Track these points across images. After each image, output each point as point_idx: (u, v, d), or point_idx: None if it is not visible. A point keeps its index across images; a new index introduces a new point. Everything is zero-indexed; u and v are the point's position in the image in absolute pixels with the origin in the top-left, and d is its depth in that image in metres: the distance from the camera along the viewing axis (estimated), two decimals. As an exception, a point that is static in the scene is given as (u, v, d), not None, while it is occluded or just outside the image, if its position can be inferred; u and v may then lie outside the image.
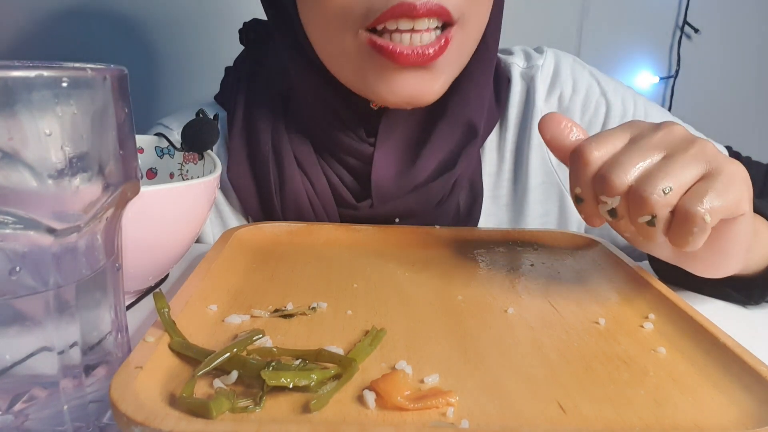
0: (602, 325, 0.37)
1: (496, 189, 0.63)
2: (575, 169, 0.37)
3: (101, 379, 0.28)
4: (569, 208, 0.63)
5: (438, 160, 0.57)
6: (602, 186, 0.35)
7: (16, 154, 0.22)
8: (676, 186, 0.33)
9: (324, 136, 0.58)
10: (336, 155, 0.58)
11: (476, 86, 0.57)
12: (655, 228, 0.34)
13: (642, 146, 0.35)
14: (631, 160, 0.34)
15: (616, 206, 0.35)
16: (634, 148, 0.35)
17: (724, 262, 0.38)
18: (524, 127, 0.62)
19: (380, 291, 0.41)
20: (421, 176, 0.57)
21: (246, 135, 0.60)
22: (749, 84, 1.25)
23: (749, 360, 0.30)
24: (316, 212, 0.58)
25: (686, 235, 0.33)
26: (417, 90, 0.50)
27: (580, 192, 0.37)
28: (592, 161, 0.36)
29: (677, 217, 0.33)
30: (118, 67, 0.26)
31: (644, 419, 0.27)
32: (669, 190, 0.33)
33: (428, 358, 0.32)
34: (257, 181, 0.59)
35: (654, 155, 0.35)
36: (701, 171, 0.34)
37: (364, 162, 0.57)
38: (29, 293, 0.24)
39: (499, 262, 0.48)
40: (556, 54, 0.65)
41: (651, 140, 0.35)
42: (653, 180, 0.33)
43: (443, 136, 0.57)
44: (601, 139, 0.36)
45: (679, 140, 0.35)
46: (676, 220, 0.33)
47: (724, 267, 0.39)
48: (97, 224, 0.26)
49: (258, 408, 0.26)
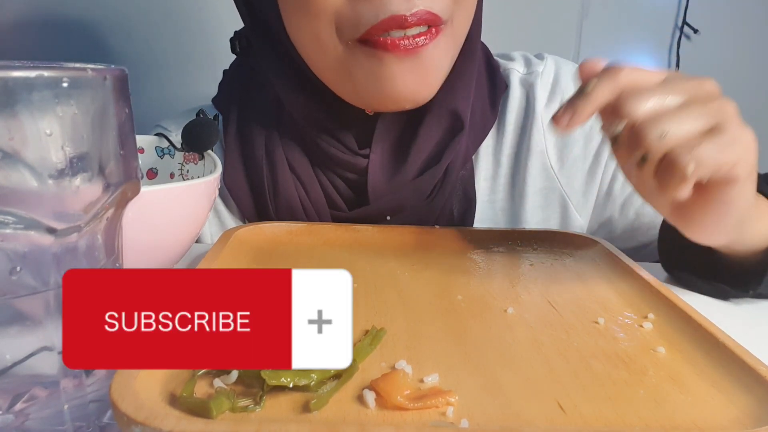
0: (602, 324, 0.37)
1: (492, 194, 0.63)
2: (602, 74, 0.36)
3: (101, 378, 0.28)
4: (571, 215, 0.62)
5: (426, 153, 0.57)
6: (616, 108, 0.35)
7: (17, 154, 0.22)
8: (675, 132, 0.34)
9: (316, 149, 0.58)
10: (329, 166, 0.58)
11: (461, 78, 0.57)
12: (645, 166, 0.35)
13: (667, 86, 0.36)
14: (649, 94, 0.35)
15: (619, 133, 0.35)
16: (660, 85, 0.36)
17: (716, 226, 0.38)
18: (523, 133, 0.62)
19: (380, 291, 0.41)
20: (411, 172, 0.57)
21: (240, 140, 0.60)
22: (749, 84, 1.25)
23: (749, 360, 0.30)
24: (309, 217, 0.59)
25: (669, 180, 0.34)
26: (412, 85, 0.49)
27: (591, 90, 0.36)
28: (621, 76, 0.36)
29: (665, 160, 0.34)
30: (118, 68, 0.26)
31: (643, 419, 0.27)
32: (667, 134, 0.33)
33: (428, 357, 0.32)
34: (252, 187, 0.60)
35: (673, 97, 0.35)
36: (708, 125, 0.34)
37: (358, 174, 0.57)
38: (30, 293, 0.24)
39: (498, 262, 0.48)
40: (556, 61, 0.65)
41: (678, 84, 0.36)
42: (656, 121, 0.34)
43: (430, 128, 0.57)
44: (638, 67, 0.37)
45: (703, 92, 0.36)
46: (663, 163, 0.34)
47: (716, 232, 0.39)
48: (97, 224, 0.26)
49: (258, 407, 0.26)
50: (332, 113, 0.55)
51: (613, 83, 0.36)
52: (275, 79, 0.57)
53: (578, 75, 0.39)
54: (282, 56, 0.55)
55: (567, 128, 0.37)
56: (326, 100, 0.54)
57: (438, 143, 0.57)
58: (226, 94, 0.64)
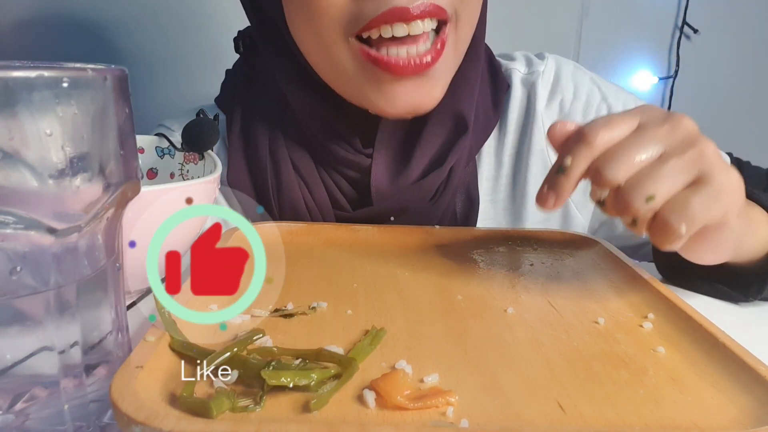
0: (602, 324, 0.37)
1: (494, 193, 0.63)
2: (576, 145, 0.36)
3: (102, 378, 0.28)
4: (572, 214, 0.63)
5: (430, 155, 0.57)
6: (596, 177, 0.35)
7: (17, 154, 0.22)
8: (660, 193, 0.33)
9: (320, 149, 0.58)
10: (333, 165, 0.58)
11: (465, 79, 0.57)
12: (637, 227, 0.35)
13: (642, 139, 0.35)
14: (627, 155, 0.34)
15: (605, 198, 0.36)
16: (634, 140, 0.35)
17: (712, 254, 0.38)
18: (524, 133, 0.62)
19: (380, 291, 0.41)
20: (415, 174, 0.57)
21: (244, 140, 0.60)
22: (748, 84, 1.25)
23: (748, 360, 0.30)
24: (313, 217, 0.59)
25: (663, 240, 0.34)
26: (417, 100, 0.49)
27: (570, 164, 0.36)
28: (596, 145, 0.35)
29: (657, 221, 0.34)
30: (118, 68, 0.26)
31: (643, 419, 0.27)
32: (652, 199, 0.33)
33: (428, 357, 0.32)
34: (255, 185, 0.60)
35: (651, 150, 0.34)
36: (691, 177, 0.34)
37: (362, 173, 0.57)
38: (30, 293, 0.24)
39: (498, 262, 0.48)
40: (557, 60, 0.65)
41: (654, 133, 0.35)
42: (640, 185, 0.33)
43: (434, 130, 0.57)
44: (609, 124, 0.36)
45: (680, 139, 0.35)
46: (656, 224, 0.34)
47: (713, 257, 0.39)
48: (97, 224, 0.26)
49: (258, 407, 0.26)
50: (337, 112, 0.56)
51: (588, 152, 0.35)
52: (280, 79, 0.57)
53: (548, 140, 0.39)
54: (287, 56, 0.55)
55: (553, 208, 0.37)
56: (330, 99, 0.54)
57: (442, 145, 0.57)
58: (230, 93, 0.64)
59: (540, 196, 0.37)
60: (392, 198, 0.57)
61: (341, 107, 0.54)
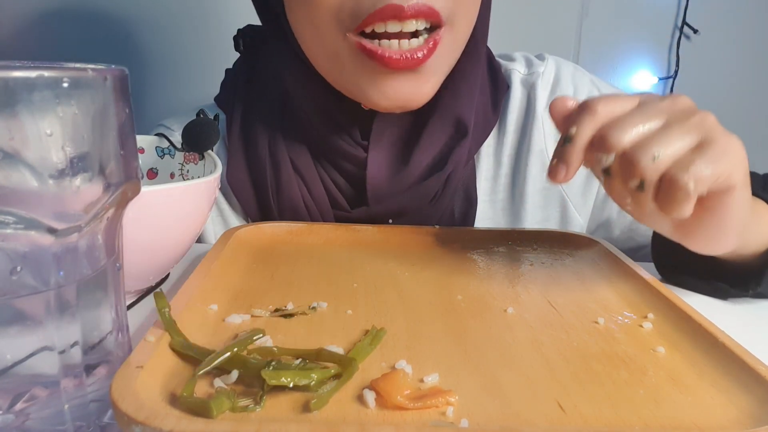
0: (601, 324, 0.37)
1: (493, 193, 0.63)
2: (578, 116, 0.37)
3: (102, 378, 0.28)
4: (571, 214, 0.63)
5: (429, 158, 0.57)
6: (600, 143, 0.36)
7: (17, 154, 0.22)
8: (666, 153, 0.34)
9: (319, 140, 0.58)
10: (331, 159, 0.59)
11: (466, 82, 0.57)
12: (644, 193, 0.35)
13: (645, 111, 0.36)
14: (631, 123, 0.35)
15: (610, 165, 0.36)
16: (637, 111, 0.36)
17: (719, 237, 0.38)
18: (524, 133, 0.62)
19: (380, 291, 0.41)
20: (414, 175, 0.57)
21: (243, 139, 0.61)
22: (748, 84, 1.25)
23: (748, 360, 0.30)
24: (312, 216, 0.59)
25: (671, 201, 0.34)
26: (408, 93, 0.50)
27: (574, 133, 0.36)
28: (599, 112, 0.36)
29: (664, 183, 0.34)
30: (118, 68, 0.26)
31: (643, 419, 0.27)
32: (659, 156, 0.34)
33: (428, 357, 0.32)
34: (255, 185, 0.60)
35: (654, 121, 0.35)
36: (695, 140, 0.35)
37: (358, 166, 0.57)
38: (30, 293, 0.24)
39: (498, 262, 0.48)
40: (557, 61, 0.65)
41: (655, 107, 0.36)
42: (646, 146, 0.34)
43: (434, 133, 0.57)
44: (610, 98, 0.37)
45: (681, 109, 0.36)
46: (663, 186, 0.34)
47: (720, 242, 0.39)
48: (97, 224, 0.26)
49: (258, 407, 0.26)
50: (336, 103, 0.56)
51: (592, 121, 0.36)
52: (285, 73, 0.58)
53: (550, 115, 0.40)
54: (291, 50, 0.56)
55: (564, 180, 0.37)
56: (332, 92, 0.55)
57: (442, 148, 0.57)
58: (230, 92, 0.64)
59: (551, 169, 0.38)
60: (391, 200, 0.57)
61: (341, 99, 0.55)
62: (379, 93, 0.50)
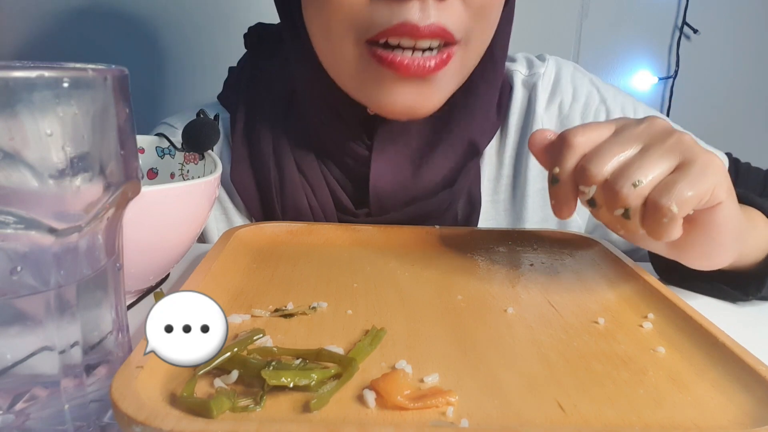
0: (601, 324, 0.37)
1: (495, 194, 0.63)
2: (558, 152, 0.38)
3: (102, 378, 0.28)
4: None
5: (439, 176, 0.58)
6: (581, 175, 0.36)
7: (18, 154, 0.22)
8: (647, 179, 0.34)
9: (323, 136, 0.58)
10: (334, 157, 0.59)
11: (482, 103, 0.58)
12: (631, 220, 0.35)
13: (622, 138, 0.37)
14: (610, 152, 0.36)
15: (594, 196, 0.36)
16: (614, 139, 0.37)
17: (715, 252, 0.39)
18: (524, 134, 0.63)
19: (380, 291, 0.41)
20: (421, 191, 0.57)
21: (247, 137, 0.61)
22: (748, 84, 1.25)
23: (748, 360, 0.30)
24: (316, 218, 0.59)
25: (657, 226, 0.34)
26: (415, 102, 0.50)
27: (558, 172, 0.38)
28: (576, 145, 0.37)
29: (648, 208, 0.35)
30: (119, 68, 0.26)
31: (643, 419, 0.27)
32: (640, 183, 0.34)
33: (428, 357, 0.32)
34: (258, 184, 0.60)
35: (632, 147, 0.36)
36: (675, 162, 0.35)
37: (360, 164, 0.57)
38: (30, 293, 0.24)
39: (498, 262, 0.48)
40: (557, 62, 0.65)
41: (632, 132, 0.37)
42: (626, 173, 0.35)
43: (445, 152, 0.57)
44: (587, 128, 0.38)
45: (658, 132, 0.37)
46: (647, 211, 0.35)
47: (716, 257, 0.39)
48: (98, 224, 0.26)
49: (258, 407, 0.26)
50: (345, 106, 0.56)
51: (571, 154, 0.37)
52: (296, 71, 0.58)
53: (530, 149, 0.41)
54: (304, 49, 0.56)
55: (570, 215, 0.39)
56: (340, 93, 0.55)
57: (452, 167, 0.58)
58: (233, 91, 0.64)
59: (555, 211, 0.39)
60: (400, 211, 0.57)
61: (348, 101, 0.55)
62: (386, 99, 0.49)
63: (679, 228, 0.35)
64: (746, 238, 0.41)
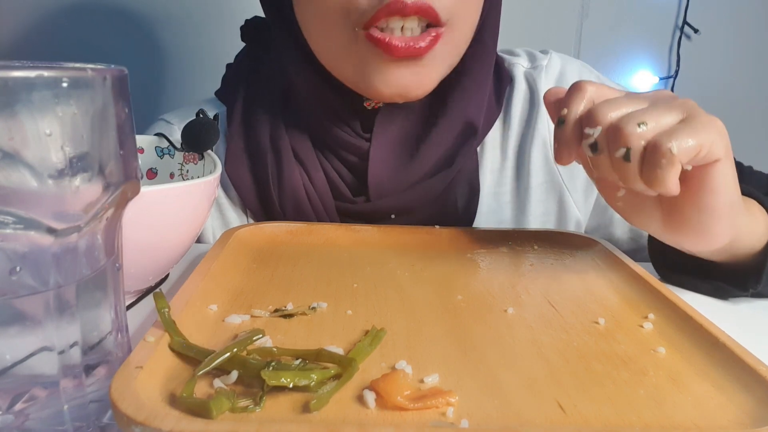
0: (602, 324, 0.37)
1: (498, 186, 0.63)
2: (568, 96, 0.40)
3: (101, 378, 0.28)
4: (568, 208, 0.63)
5: (437, 158, 0.58)
6: (588, 117, 0.38)
7: (17, 154, 0.22)
8: (651, 123, 0.36)
9: (322, 131, 0.59)
10: (333, 150, 0.59)
11: (476, 84, 0.58)
12: (630, 164, 0.36)
13: (631, 96, 0.39)
14: (618, 101, 0.38)
15: (597, 138, 0.37)
16: (624, 96, 0.39)
17: (711, 223, 0.39)
18: (528, 126, 0.63)
19: (380, 291, 0.41)
20: (419, 173, 0.57)
21: (245, 130, 0.61)
22: (748, 84, 1.25)
23: (749, 360, 0.30)
24: (314, 205, 0.59)
25: (655, 167, 0.35)
26: (409, 82, 0.51)
27: (566, 113, 0.39)
28: (587, 90, 0.39)
29: (648, 149, 0.36)
30: (118, 67, 0.26)
31: (644, 419, 0.27)
32: (644, 125, 0.36)
33: (428, 357, 0.32)
34: (255, 175, 0.60)
35: (640, 103, 0.38)
36: (679, 116, 0.37)
37: (360, 158, 0.58)
38: (29, 293, 0.24)
39: (498, 262, 0.48)
40: (563, 58, 0.66)
41: (641, 94, 0.39)
42: (632, 116, 0.36)
43: (442, 133, 0.58)
44: (598, 83, 0.40)
45: (664, 95, 0.39)
46: (647, 152, 0.36)
47: (712, 229, 0.39)
48: (97, 224, 0.26)
49: (258, 408, 0.26)
50: (341, 100, 0.57)
51: (581, 98, 0.39)
52: (289, 65, 0.58)
53: (544, 102, 0.43)
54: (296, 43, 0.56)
55: (569, 161, 0.40)
56: (336, 86, 0.55)
57: (450, 148, 0.58)
58: (231, 86, 0.64)
59: (555, 154, 0.40)
60: (394, 196, 0.57)
61: (344, 94, 0.56)
62: (382, 80, 0.50)
63: (676, 177, 0.35)
64: (742, 219, 0.42)
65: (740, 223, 0.42)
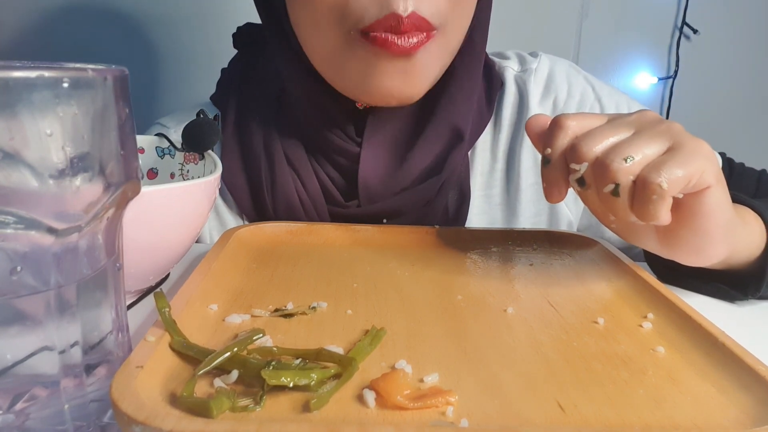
0: (601, 324, 0.37)
1: (488, 188, 0.63)
2: (550, 134, 0.39)
3: (102, 378, 0.28)
4: (560, 208, 0.63)
5: (425, 164, 0.58)
6: (572, 153, 0.37)
7: (18, 154, 0.22)
8: (638, 156, 0.35)
9: (314, 135, 0.59)
10: (326, 154, 0.59)
11: (463, 89, 0.58)
12: (619, 199, 0.35)
13: (614, 124, 0.38)
14: (601, 133, 0.37)
15: (584, 174, 0.37)
16: (606, 124, 0.38)
17: (706, 245, 0.39)
18: (517, 129, 0.63)
19: (380, 291, 0.41)
20: (408, 179, 0.58)
21: (238, 134, 0.61)
22: (748, 85, 1.25)
23: (748, 360, 0.30)
24: (306, 210, 0.59)
25: (646, 203, 0.34)
26: (402, 87, 0.51)
27: (550, 153, 0.38)
28: (568, 126, 0.38)
29: (638, 185, 0.35)
30: (118, 68, 0.26)
31: (643, 419, 0.27)
32: (631, 159, 0.35)
33: (428, 357, 0.32)
34: (249, 180, 0.60)
35: (624, 132, 0.37)
36: (665, 146, 0.36)
37: (351, 161, 0.58)
38: (30, 293, 0.24)
39: (498, 262, 0.48)
40: (551, 59, 0.66)
41: (623, 120, 0.38)
42: (617, 150, 0.35)
43: (430, 139, 0.58)
44: (579, 114, 0.39)
45: (648, 120, 0.38)
46: (637, 188, 0.35)
47: (707, 250, 0.39)
48: (97, 224, 0.26)
49: (258, 407, 0.26)
50: (333, 103, 0.57)
51: (562, 134, 0.38)
52: (283, 70, 0.58)
53: (527, 133, 0.41)
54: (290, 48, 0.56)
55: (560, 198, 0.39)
56: (328, 91, 0.55)
57: (438, 154, 0.58)
58: (225, 91, 0.64)
59: (545, 194, 0.39)
60: (385, 201, 0.58)
61: (336, 98, 0.56)
62: (374, 84, 0.50)
63: (667, 210, 0.35)
64: (737, 233, 0.41)
65: (736, 238, 0.42)
